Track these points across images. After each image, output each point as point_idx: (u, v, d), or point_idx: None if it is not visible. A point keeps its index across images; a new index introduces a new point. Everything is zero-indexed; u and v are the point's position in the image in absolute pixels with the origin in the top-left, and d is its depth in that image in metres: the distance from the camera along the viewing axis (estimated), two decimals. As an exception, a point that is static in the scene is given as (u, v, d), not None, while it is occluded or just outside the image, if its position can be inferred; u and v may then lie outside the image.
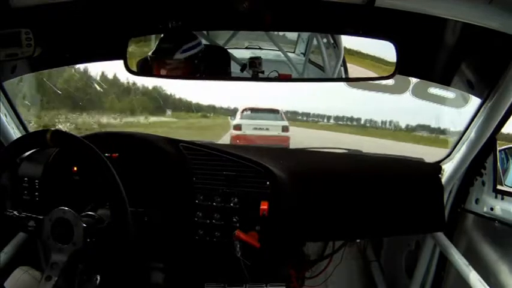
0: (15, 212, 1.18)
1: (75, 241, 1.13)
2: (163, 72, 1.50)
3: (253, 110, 10.78)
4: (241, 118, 10.59)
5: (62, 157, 1.51)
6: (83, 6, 1.34)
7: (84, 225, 1.14)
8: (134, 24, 1.48)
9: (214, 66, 1.58)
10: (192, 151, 1.59)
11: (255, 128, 10.02)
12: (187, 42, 1.50)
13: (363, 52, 1.60)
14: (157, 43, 1.52)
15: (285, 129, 10.20)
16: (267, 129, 10.03)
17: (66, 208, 1.15)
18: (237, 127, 10.15)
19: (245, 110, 10.85)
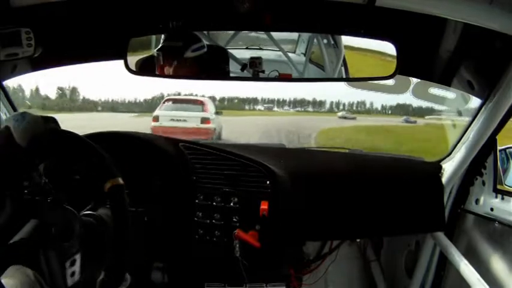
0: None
1: (75, 240, 1.13)
2: (167, 71, 1.50)
3: (175, 101, 10.52)
4: (161, 109, 10.30)
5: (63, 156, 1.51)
6: (84, 6, 1.34)
7: (84, 224, 1.14)
8: (134, 24, 1.48)
9: (214, 66, 1.58)
10: (192, 151, 1.59)
11: (172, 120, 9.75)
12: (196, 42, 1.50)
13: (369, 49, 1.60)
14: (162, 41, 1.51)
15: (204, 121, 9.91)
16: (185, 120, 9.80)
17: (66, 207, 1.14)
18: (155, 118, 9.91)
19: (167, 100, 10.60)
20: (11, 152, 1.02)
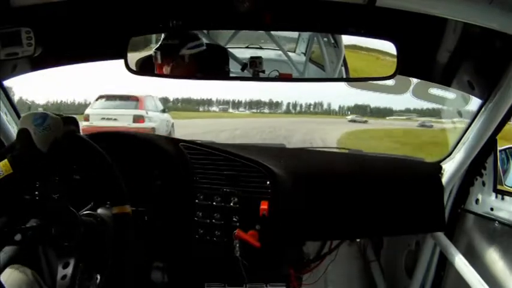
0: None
1: (75, 240, 1.12)
2: (166, 70, 1.50)
3: (108, 98, 9.77)
4: (93, 107, 9.61)
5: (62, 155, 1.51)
6: (84, 6, 1.34)
7: (84, 223, 1.14)
8: (135, 24, 1.48)
9: (214, 65, 1.58)
10: (192, 150, 1.59)
11: (103, 118, 9.15)
12: (192, 40, 1.50)
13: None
14: (161, 40, 1.51)
15: (137, 119, 9.20)
16: (115, 119, 9.16)
17: (70, 208, 1.14)
18: (86, 117, 9.23)
19: (100, 97, 9.84)
20: (30, 158, 0.99)
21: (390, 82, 1.73)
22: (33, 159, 1.00)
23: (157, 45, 1.51)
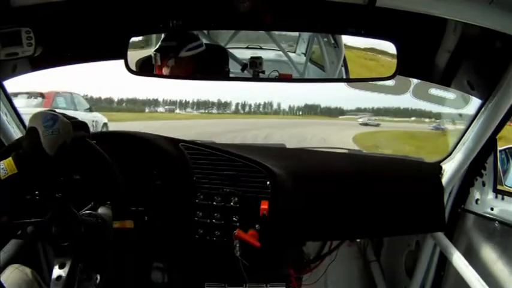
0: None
1: (75, 240, 1.12)
2: (165, 71, 1.50)
3: (15, 95, 9.04)
4: None
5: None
6: (84, 6, 1.34)
7: (85, 223, 1.14)
8: (135, 24, 1.48)
9: (214, 66, 1.58)
10: (192, 151, 1.59)
11: None
12: (191, 41, 1.50)
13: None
14: (160, 41, 1.52)
15: None
16: None
17: (72, 209, 1.14)
18: None
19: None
20: (36, 159, 0.96)
21: (390, 82, 1.73)
22: (38, 160, 0.99)
23: (157, 47, 1.51)
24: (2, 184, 0.94)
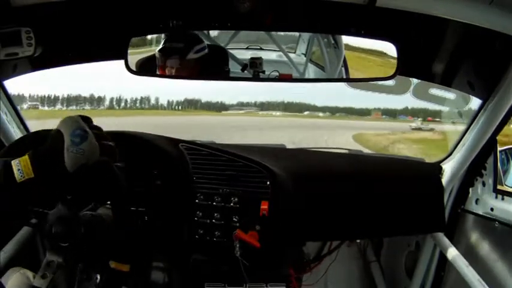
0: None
1: (75, 240, 1.12)
2: (169, 71, 1.50)
3: None
4: None
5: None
6: (84, 6, 1.34)
7: (85, 223, 1.14)
8: (135, 24, 1.48)
9: (214, 66, 1.58)
10: (192, 151, 1.59)
11: None
12: (198, 43, 1.50)
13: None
14: (164, 42, 1.51)
15: None
16: None
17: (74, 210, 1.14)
18: None
19: None
20: (55, 172, 0.91)
21: (390, 82, 1.73)
22: (56, 172, 0.93)
23: (160, 47, 1.50)
24: (16, 187, 0.89)
